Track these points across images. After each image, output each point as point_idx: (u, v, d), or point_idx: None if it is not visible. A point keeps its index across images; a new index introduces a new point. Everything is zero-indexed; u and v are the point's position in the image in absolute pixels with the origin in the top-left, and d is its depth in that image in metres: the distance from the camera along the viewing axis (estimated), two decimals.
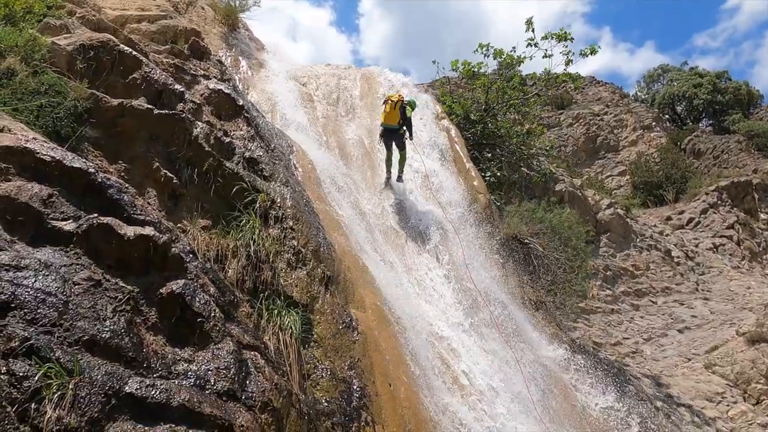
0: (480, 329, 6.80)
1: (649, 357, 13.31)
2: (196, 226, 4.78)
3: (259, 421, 3.30)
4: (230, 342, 3.65)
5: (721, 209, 19.67)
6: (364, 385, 4.59)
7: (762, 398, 11.22)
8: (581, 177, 20.22)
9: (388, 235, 8.30)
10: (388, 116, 9.09)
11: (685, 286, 16.44)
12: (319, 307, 4.98)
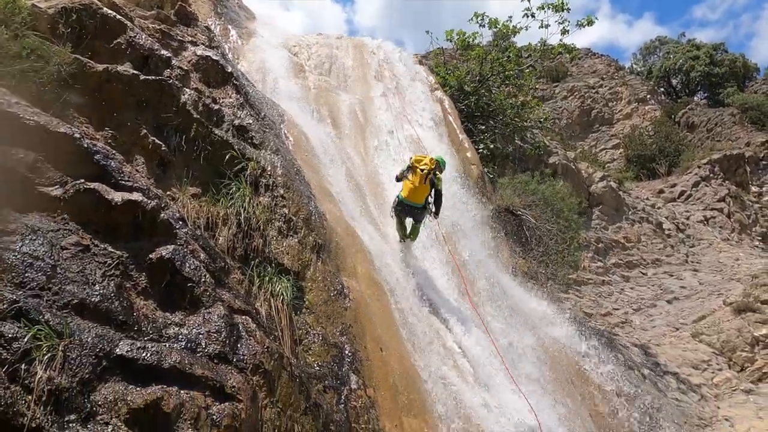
0: (473, 296, 6.87)
1: (638, 327, 13.55)
2: (186, 194, 4.75)
3: (250, 383, 3.34)
4: (221, 307, 3.67)
5: (713, 182, 19.78)
6: (355, 350, 4.65)
7: (746, 365, 11.49)
8: (575, 150, 20.19)
9: (381, 206, 8.29)
10: (416, 192, 6.85)
11: (675, 258, 16.64)
12: (311, 275, 5.00)
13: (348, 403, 4.20)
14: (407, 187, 6.89)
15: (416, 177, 6.83)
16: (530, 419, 5.22)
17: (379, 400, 4.45)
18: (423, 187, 6.86)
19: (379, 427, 4.24)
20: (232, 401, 3.16)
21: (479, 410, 5.05)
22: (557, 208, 12.16)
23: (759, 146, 20.95)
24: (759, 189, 20.30)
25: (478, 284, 7.30)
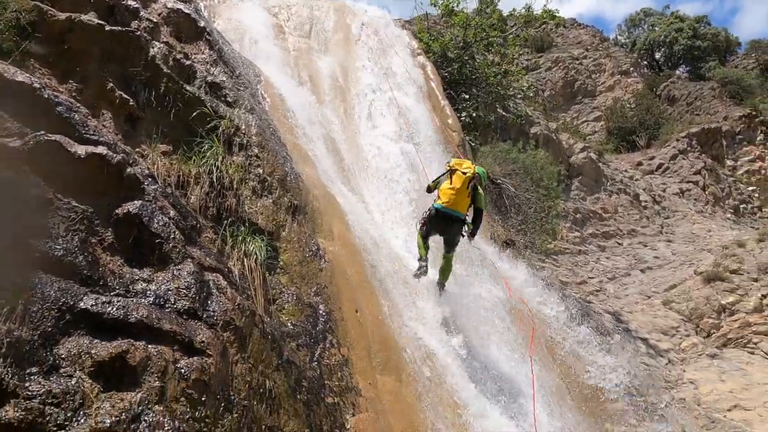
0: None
1: (612, 295, 13.89)
2: (156, 151, 4.61)
3: (220, 339, 3.32)
4: (191, 263, 3.61)
5: (690, 155, 20.07)
6: (330, 310, 4.65)
7: (712, 331, 11.91)
8: (557, 121, 20.21)
9: (360, 170, 8.22)
10: (457, 199, 5.76)
11: (650, 229, 16.98)
12: (286, 236, 4.95)
13: (321, 361, 4.22)
14: (446, 192, 5.76)
15: (458, 180, 5.73)
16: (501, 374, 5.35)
17: (353, 359, 4.48)
18: (464, 193, 5.76)
19: (352, 385, 4.28)
20: (201, 356, 3.14)
21: (453, 366, 5.15)
22: (537, 177, 12.24)
23: (736, 120, 21.24)
24: (734, 163, 20.68)
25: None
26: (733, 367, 11.03)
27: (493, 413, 5.23)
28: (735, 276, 12.90)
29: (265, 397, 3.43)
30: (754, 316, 11.88)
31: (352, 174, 7.92)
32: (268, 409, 3.40)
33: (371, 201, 7.63)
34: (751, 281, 12.77)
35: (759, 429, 9.47)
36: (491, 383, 5.59)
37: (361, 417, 4.07)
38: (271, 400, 3.46)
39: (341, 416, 3.97)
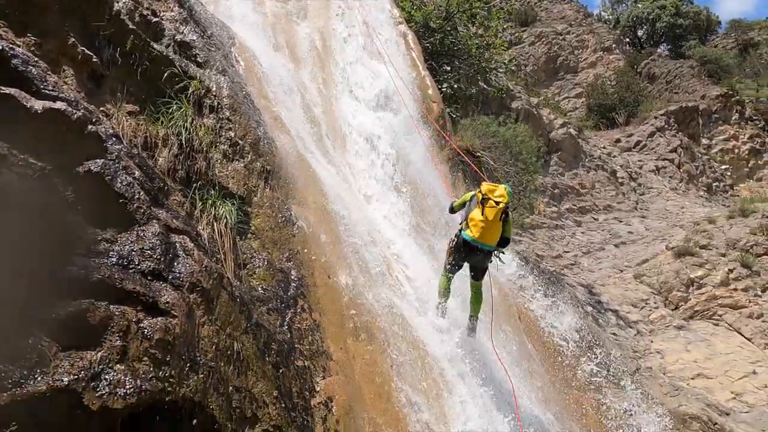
0: (423, 233, 6.92)
1: (586, 268, 14.17)
2: (121, 111, 4.44)
3: (186, 300, 3.27)
4: (157, 225, 3.52)
5: (667, 133, 20.32)
6: (302, 276, 4.63)
7: (680, 304, 12.28)
8: (538, 96, 20.21)
9: (338, 139, 8.10)
10: (490, 231, 5.43)
11: (625, 205, 17.27)
12: (258, 201, 4.87)
13: (292, 325, 4.21)
14: (477, 224, 5.39)
15: (490, 212, 5.36)
16: (474, 341, 5.43)
17: (324, 324, 4.48)
18: (497, 225, 5.43)
19: (323, 349, 4.29)
20: (165, 317, 3.09)
21: (426, 334, 5.20)
22: (516, 152, 12.27)
23: (713, 99, 21.51)
24: (709, 141, 21.02)
25: (431, 217, 7.34)
26: (698, 338, 11.42)
27: (468, 379, 5.31)
28: (704, 251, 13.25)
29: (232, 359, 3.41)
30: (721, 289, 12.27)
31: (330, 142, 7.81)
32: (235, 371, 3.39)
33: (348, 170, 7.55)
34: (719, 256, 13.15)
35: (719, 396, 9.88)
36: (466, 351, 5.67)
37: (331, 380, 4.09)
38: (239, 362, 3.45)
39: (311, 379, 3.99)
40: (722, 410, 9.45)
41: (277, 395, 3.56)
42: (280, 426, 3.45)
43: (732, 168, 20.84)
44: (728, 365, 10.58)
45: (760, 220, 14.34)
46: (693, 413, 9.02)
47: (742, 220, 14.54)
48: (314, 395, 3.90)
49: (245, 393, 3.37)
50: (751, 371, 10.37)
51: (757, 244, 13.24)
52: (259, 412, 3.40)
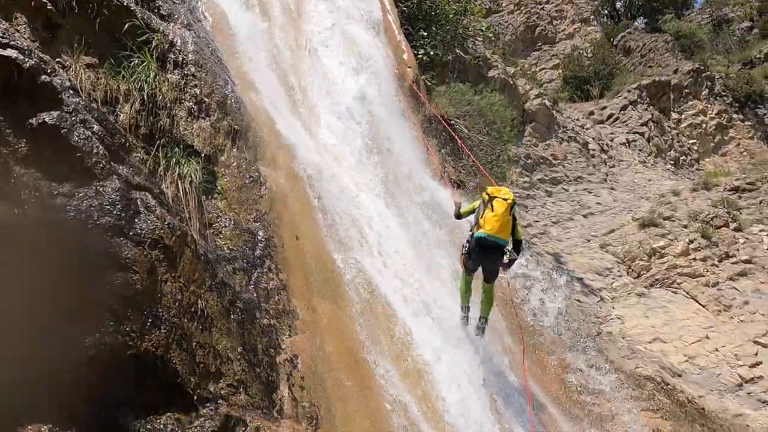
0: (395, 197, 6.95)
1: (555, 238, 14.49)
2: (79, 63, 4.26)
3: (148, 257, 3.24)
4: (117, 180, 3.44)
5: (639, 107, 20.61)
6: (269, 236, 4.62)
7: (642, 273, 12.73)
8: (516, 66, 20.15)
9: (310, 102, 7.97)
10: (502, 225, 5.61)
11: (595, 177, 17.60)
12: (225, 160, 4.79)
13: (258, 284, 4.22)
14: (490, 220, 5.58)
15: (500, 206, 5.58)
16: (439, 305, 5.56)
17: (291, 284, 4.51)
18: (508, 219, 5.64)
19: (290, 308, 4.33)
20: (126, 272, 3.06)
21: (392, 297, 5.29)
22: (491, 121, 12.29)
23: (685, 75, 21.81)
24: (679, 116, 21.42)
25: (402, 181, 7.36)
26: (657, 305, 11.91)
27: (433, 340, 5.45)
28: (667, 222, 13.69)
29: (196, 316, 3.42)
30: (681, 259, 12.75)
31: (301, 104, 7.68)
32: (199, 327, 3.40)
33: (320, 134, 7.47)
34: (681, 227, 13.61)
35: (673, 359, 10.39)
36: (431, 312, 5.80)
37: (297, 338, 4.15)
38: (203, 319, 3.46)
39: (277, 337, 4.04)
40: (675, 372, 9.97)
41: (242, 351, 3.60)
42: (244, 381, 3.51)
43: (699, 143, 21.36)
44: (683, 330, 11.11)
45: (722, 193, 14.85)
46: (648, 374, 9.49)
47: (704, 193, 15.02)
48: (280, 352, 3.96)
49: (209, 349, 3.40)
50: (704, 336, 10.92)
51: (717, 217, 13.74)
52: (223, 368, 3.44)
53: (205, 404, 3.24)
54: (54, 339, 2.85)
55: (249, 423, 3.32)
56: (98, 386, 2.85)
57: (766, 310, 11.55)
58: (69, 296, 2.94)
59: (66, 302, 2.89)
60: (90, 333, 2.77)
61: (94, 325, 2.82)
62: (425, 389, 4.85)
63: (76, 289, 2.96)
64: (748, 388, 9.74)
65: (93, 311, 2.95)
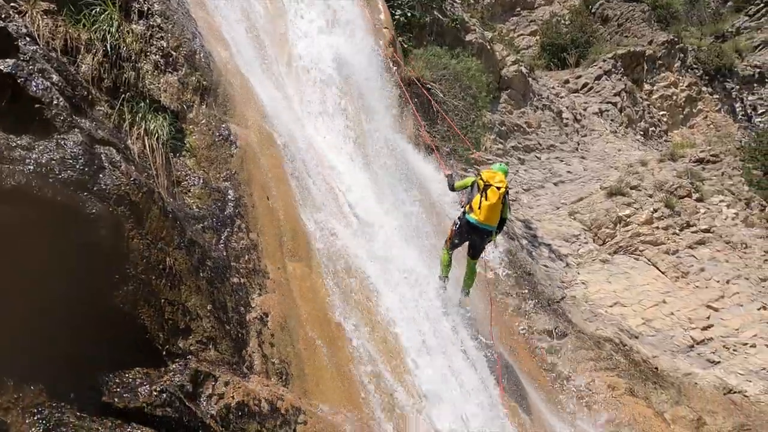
0: (366, 158, 6.93)
1: (525, 205, 14.77)
2: (36, 8, 4.03)
3: (114, 213, 3.18)
4: (79, 134, 3.33)
5: (613, 77, 20.77)
6: (240, 196, 4.57)
7: (607, 240, 13.15)
8: (493, 31, 19.93)
9: (283, 61, 7.77)
10: (492, 213, 5.94)
11: (567, 146, 17.84)
12: (193, 117, 4.67)
13: (228, 243, 4.21)
14: (484, 207, 5.89)
15: (493, 196, 5.88)
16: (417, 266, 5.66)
17: (262, 244, 4.51)
18: (498, 206, 6.00)
19: (260, 268, 4.34)
20: (91, 228, 3.01)
21: (363, 258, 5.35)
22: (466, 86, 12.23)
23: (659, 46, 22.00)
24: (651, 87, 21.72)
25: (376, 147, 7.33)
26: (619, 271, 12.38)
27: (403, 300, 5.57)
28: (634, 191, 14.08)
29: (164, 273, 3.40)
30: (644, 227, 13.20)
31: (274, 64, 7.48)
32: (168, 284, 3.39)
33: (294, 94, 7.32)
34: (647, 197, 14.03)
35: (632, 322, 10.90)
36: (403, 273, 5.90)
37: (267, 297, 4.18)
38: (171, 276, 3.45)
39: (247, 296, 4.06)
40: (632, 334, 10.48)
41: (212, 309, 3.62)
42: (213, 338, 3.54)
43: (668, 114, 21.78)
44: (642, 295, 11.62)
45: (687, 164, 15.30)
46: (607, 336, 9.95)
47: (670, 164, 15.45)
48: (250, 311, 3.99)
49: (178, 306, 3.41)
50: (662, 300, 11.45)
51: (681, 187, 14.19)
52: (192, 324, 3.45)
53: (175, 359, 3.26)
54: (16, 294, 2.81)
55: (218, 378, 3.37)
56: (65, 341, 2.83)
57: (720, 277, 12.15)
58: (30, 251, 2.88)
59: (27, 257, 2.84)
60: (55, 288, 2.73)
61: (59, 280, 2.78)
62: (394, 347, 4.98)
63: (37, 244, 2.90)
64: (698, 349, 10.33)
65: (56, 266, 2.90)
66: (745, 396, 9.10)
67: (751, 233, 13.78)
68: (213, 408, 3.25)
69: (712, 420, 8.60)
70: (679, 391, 9.02)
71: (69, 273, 2.91)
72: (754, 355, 10.05)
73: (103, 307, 2.97)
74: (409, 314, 5.47)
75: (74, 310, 2.88)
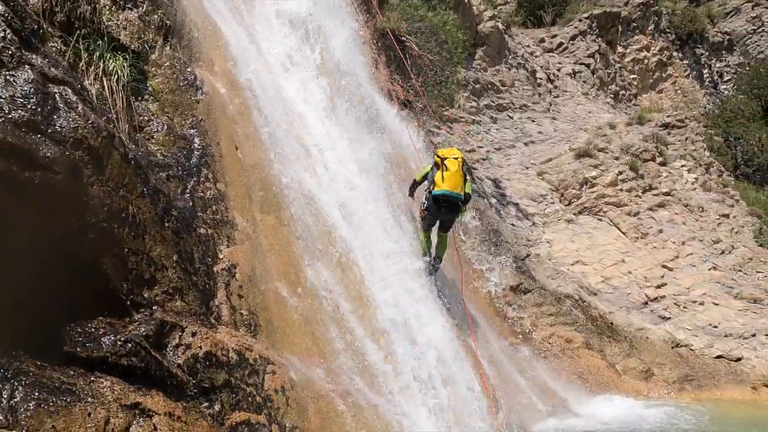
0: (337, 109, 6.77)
1: (496, 164, 14.87)
2: None
3: (71, 157, 3.01)
4: (30, 71, 3.09)
5: (588, 37, 20.70)
6: (206, 145, 4.41)
7: (573, 200, 13.46)
8: None
9: (255, 8, 7.37)
10: (456, 180, 5.99)
11: (540, 106, 17.89)
12: (156, 59, 4.41)
13: (195, 193, 4.08)
14: (447, 176, 5.95)
15: (453, 165, 5.99)
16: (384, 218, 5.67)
17: (230, 195, 4.40)
18: (460, 175, 6.07)
19: (228, 219, 4.25)
20: (46, 172, 2.85)
21: (333, 210, 5.31)
22: (442, 40, 11.97)
23: (635, 7, 21.93)
24: (624, 50, 21.79)
25: (346, 94, 7.15)
26: (583, 231, 12.76)
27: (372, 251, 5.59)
28: (601, 154, 14.34)
29: (127, 222, 3.28)
30: (609, 189, 13.54)
31: (246, 11, 7.09)
32: (131, 233, 3.28)
33: (263, 38, 6.99)
34: (613, 159, 14.32)
35: (591, 279, 11.33)
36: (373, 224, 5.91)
37: (236, 248, 4.12)
38: (135, 225, 3.33)
39: (214, 247, 3.98)
40: (591, 291, 10.92)
41: (177, 260, 3.54)
42: (180, 288, 3.48)
43: (639, 78, 22.01)
44: (603, 254, 12.05)
45: (653, 128, 15.61)
46: (567, 293, 10.34)
47: (638, 127, 15.74)
48: (217, 262, 3.92)
49: (142, 255, 3.31)
50: (621, 260, 11.92)
51: (646, 151, 14.53)
52: (157, 275, 3.38)
53: (139, 310, 3.20)
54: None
55: (185, 328, 3.33)
56: (23, 289, 2.72)
57: (676, 239, 12.69)
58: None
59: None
60: (9, 236, 2.60)
61: (13, 227, 2.64)
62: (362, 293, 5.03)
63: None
64: (652, 306, 10.88)
65: (9, 213, 2.75)
66: (691, 349, 9.70)
67: (708, 197, 14.35)
68: (180, 358, 3.23)
69: (660, 371, 9.17)
70: (632, 345, 9.54)
71: (23, 220, 2.77)
72: (702, 312, 10.66)
73: (62, 255, 2.86)
74: (382, 272, 5.50)
75: (31, 258, 2.76)
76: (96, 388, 2.70)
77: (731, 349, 9.80)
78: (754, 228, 13.51)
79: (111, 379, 2.80)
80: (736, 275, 11.82)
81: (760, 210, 14.17)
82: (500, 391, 6.32)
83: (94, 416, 2.57)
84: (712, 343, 9.95)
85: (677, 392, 8.81)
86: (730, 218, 13.80)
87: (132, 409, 2.76)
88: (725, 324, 10.38)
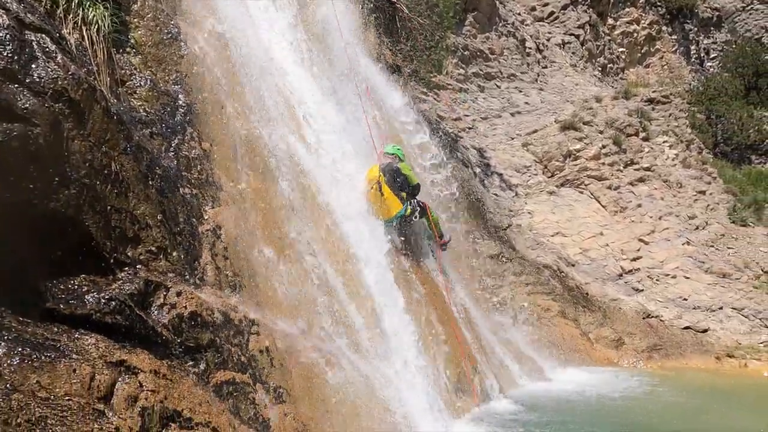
0: (325, 71, 6.64)
1: (481, 133, 14.84)
2: None
3: (50, 109, 2.89)
4: (4, 16, 2.93)
5: (579, 8, 20.46)
6: (191, 102, 4.29)
7: (556, 173, 13.58)
8: None
9: None
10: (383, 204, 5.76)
11: (527, 76, 17.77)
12: (138, 9, 4.23)
13: (179, 152, 3.99)
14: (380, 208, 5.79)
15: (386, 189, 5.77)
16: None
17: (215, 155, 4.32)
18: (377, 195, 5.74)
19: (213, 179, 4.18)
20: (24, 124, 2.74)
21: (319, 171, 5.27)
22: (433, 3, 11.71)
23: None
24: (614, 22, 21.63)
25: (334, 57, 6.99)
26: (564, 203, 12.93)
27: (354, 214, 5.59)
28: (586, 127, 14.40)
29: (110, 179, 3.20)
30: (592, 162, 13.67)
31: None
32: (114, 191, 3.21)
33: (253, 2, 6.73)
34: (597, 133, 14.40)
35: (570, 251, 11.57)
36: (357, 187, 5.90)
37: (221, 209, 4.07)
38: (117, 183, 3.25)
39: (199, 207, 3.93)
40: (570, 262, 11.17)
41: (162, 219, 3.49)
42: (164, 248, 3.44)
43: (627, 52, 21.95)
44: (583, 227, 12.27)
45: (638, 103, 15.69)
46: (546, 263, 10.55)
47: (623, 102, 15.79)
48: (202, 222, 3.88)
49: (126, 213, 3.25)
50: (599, 232, 12.16)
51: (630, 125, 14.63)
52: (141, 234, 3.33)
53: (123, 268, 3.16)
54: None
55: (170, 288, 3.31)
56: (2, 244, 2.66)
57: (653, 213, 12.96)
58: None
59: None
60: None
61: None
62: (346, 256, 5.06)
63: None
64: (626, 278, 11.20)
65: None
66: (660, 320, 10.06)
67: (687, 174, 14.61)
68: (165, 317, 3.23)
69: (630, 340, 9.52)
70: (605, 315, 9.85)
71: (1, 174, 2.68)
72: (674, 285, 11.02)
73: (43, 211, 2.78)
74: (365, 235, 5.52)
75: (10, 212, 2.68)
76: (80, 345, 2.69)
77: (698, 321, 10.20)
78: (729, 205, 13.86)
79: (95, 336, 2.78)
80: (708, 250, 12.19)
81: (736, 188, 14.51)
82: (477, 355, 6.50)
83: (79, 372, 2.56)
84: (681, 314, 10.34)
85: (645, 360, 9.18)
86: (707, 195, 14.12)
87: (117, 366, 2.76)
88: (695, 297, 10.76)
